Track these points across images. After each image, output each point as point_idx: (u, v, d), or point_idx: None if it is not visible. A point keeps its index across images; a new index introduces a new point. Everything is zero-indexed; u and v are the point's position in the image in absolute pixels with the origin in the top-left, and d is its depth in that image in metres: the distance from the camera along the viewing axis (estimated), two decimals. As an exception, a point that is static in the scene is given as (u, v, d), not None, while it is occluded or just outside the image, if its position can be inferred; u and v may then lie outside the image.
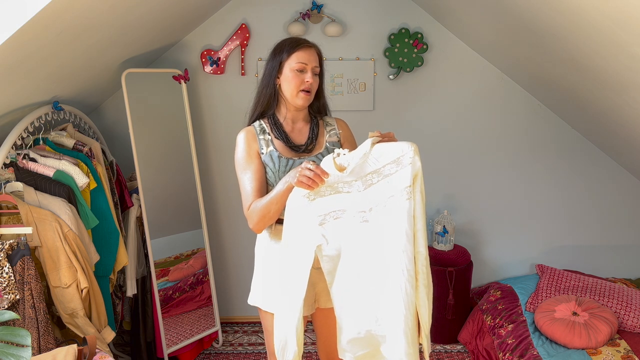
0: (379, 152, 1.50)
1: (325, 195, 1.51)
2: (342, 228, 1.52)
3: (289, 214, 1.53)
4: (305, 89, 1.67)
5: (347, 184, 1.51)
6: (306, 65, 1.66)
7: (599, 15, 1.63)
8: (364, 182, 1.50)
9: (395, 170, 1.50)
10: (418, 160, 1.50)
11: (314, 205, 1.51)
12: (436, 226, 3.08)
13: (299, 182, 1.47)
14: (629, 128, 2.45)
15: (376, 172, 1.50)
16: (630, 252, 3.25)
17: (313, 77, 1.68)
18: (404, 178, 1.49)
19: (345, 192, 1.51)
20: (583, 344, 2.36)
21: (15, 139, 2.03)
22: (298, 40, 1.71)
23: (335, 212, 1.52)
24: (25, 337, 1.39)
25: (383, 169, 1.50)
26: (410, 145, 1.50)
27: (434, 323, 3.03)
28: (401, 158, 1.50)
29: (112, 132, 3.04)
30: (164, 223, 2.77)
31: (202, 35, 3.00)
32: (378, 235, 1.51)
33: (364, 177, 1.50)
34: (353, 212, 1.52)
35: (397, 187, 1.49)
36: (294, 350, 1.51)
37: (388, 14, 2.99)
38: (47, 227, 1.92)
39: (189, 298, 2.88)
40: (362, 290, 1.54)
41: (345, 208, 1.51)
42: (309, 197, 1.51)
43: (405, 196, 1.49)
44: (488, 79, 3.08)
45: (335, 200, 1.51)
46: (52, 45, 1.82)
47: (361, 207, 1.51)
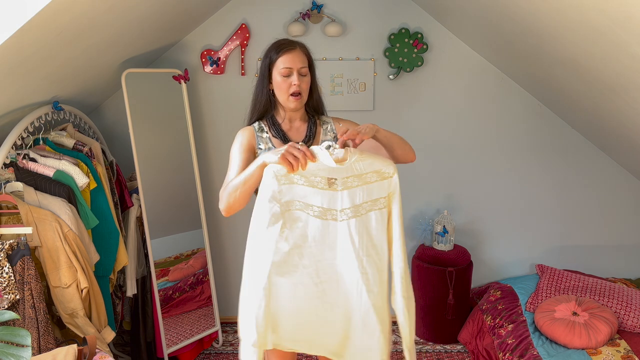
0: (365, 160, 1.55)
1: (298, 183, 1.52)
2: (306, 221, 1.53)
3: (260, 192, 1.53)
4: (293, 93, 1.68)
5: (326, 181, 1.52)
6: (291, 69, 1.67)
7: (598, 15, 1.63)
8: (343, 183, 1.53)
9: (375, 180, 1.56)
10: (396, 177, 1.57)
11: (282, 188, 1.51)
12: (436, 226, 3.08)
13: (282, 158, 1.46)
14: (629, 128, 2.45)
15: (358, 176, 1.54)
16: (630, 252, 3.25)
17: (300, 78, 1.68)
18: (382, 189, 1.57)
19: (319, 187, 1.52)
20: (583, 344, 2.36)
21: (15, 139, 2.03)
22: (281, 44, 1.71)
23: (303, 204, 1.52)
24: (25, 337, 1.39)
25: (365, 176, 1.55)
26: (391, 164, 1.59)
27: (434, 323, 3.04)
28: (382, 170, 1.56)
29: (112, 132, 3.04)
30: (164, 223, 2.77)
31: (202, 35, 3.00)
32: (345, 236, 1.54)
33: (346, 179, 1.53)
34: (322, 208, 1.53)
35: (373, 196, 1.56)
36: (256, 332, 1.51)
37: (388, 14, 2.99)
38: (47, 227, 1.92)
39: (189, 298, 2.88)
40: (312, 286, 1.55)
41: (316, 203, 1.53)
42: (279, 180, 1.50)
43: (378, 206, 1.56)
44: (488, 79, 3.08)
45: (306, 192, 1.52)
46: (52, 45, 1.82)
47: (333, 206, 1.53)
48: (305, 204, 1.52)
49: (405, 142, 1.73)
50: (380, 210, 1.56)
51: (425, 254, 3.08)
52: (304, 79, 1.69)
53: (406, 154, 1.72)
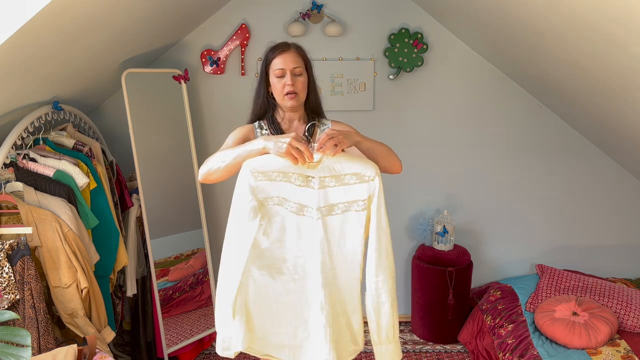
0: (345, 162, 1.54)
1: (275, 180, 1.53)
2: (284, 216, 1.54)
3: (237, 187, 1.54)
4: (287, 92, 1.69)
5: (303, 178, 1.53)
6: (284, 70, 1.69)
7: (598, 16, 1.63)
8: (320, 182, 1.53)
9: (354, 182, 1.55)
10: (377, 180, 1.55)
11: (259, 185, 1.52)
12: (436, 226, 3.08)
13: (287, 153, 1.47)
14: (629, 128, 2.45)
15: (336, 177, 1.54)
16: (630, 252, 3.25)
17: (293, 78, 1.69)
18: (361, 192, 1.55)
19: (296, 184, 1.53)
20: (583, 344, 2.36)
21: (15, 139, 2.03)
22: (275, 47, 1.74)
23: (281, 199, 1.54)
24: (25, 337, 1.39)
25: (344, 177, 1.54)
26: (372, 167, 1.55)
27: (434, 323, 3.04)
28: (362, 173, 1.55)
29: (112, 132, 3.04)
30: (164, 223, 2.77)
31: (202, 35, 3.00)
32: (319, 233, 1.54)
33: (323, 178, 1.53)
34: (299, 204, 1.54)
35: (351, 197, 1.55)
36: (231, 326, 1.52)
37: (388, 14, 2.99)
38: (47, 227, 1.92)
39: (189, 298, 2.88)
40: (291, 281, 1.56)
41: (292, 199, 1.54)
42: (255, 176, 1.52)
43: (355, 207, 1.55)
44: (488, 79, 3.08)
45: (282, 187, 1.53)
46: (52, 45, 1.82)
47: (308, 203, 1.53)
48: (283, 199, 1.54)
49: (390, 153, 1.68)
50: (357, 212, 1.55)
51: (425, 254, 3.08)
52: (298, 78, 1.70)
53: (391, 165, 1.68)
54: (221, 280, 1.57)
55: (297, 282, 1.56)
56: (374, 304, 1.58)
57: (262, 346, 1.60)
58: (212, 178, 1.62)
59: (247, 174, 1.52)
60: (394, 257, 1.60)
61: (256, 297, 1.56)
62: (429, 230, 3.15)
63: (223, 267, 1.57)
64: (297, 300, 1.57)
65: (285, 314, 1.58)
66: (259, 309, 1.57)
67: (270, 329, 1.58)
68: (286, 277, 1.56)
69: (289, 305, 1.57)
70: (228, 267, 1.56)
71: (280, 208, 1.54)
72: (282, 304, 1.57)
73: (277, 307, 1.57)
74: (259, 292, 1.56)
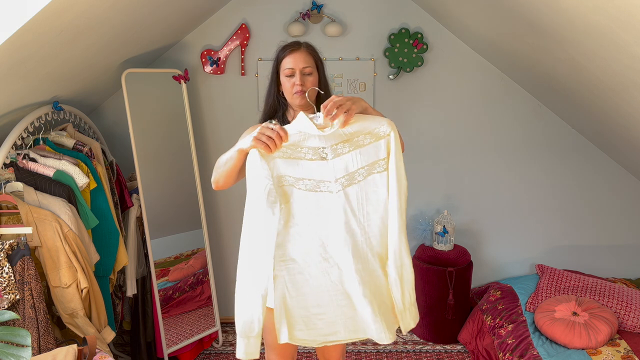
0: (353, 123, 1.46)
1: (285, 157, 1.47)
2: (300, 196, 1.49)
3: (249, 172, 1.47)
4: (297, 91, 1.69)
5: (313, 150, 1.47)
6: (293, 69, 1.69)
7: (598, 15, 1.63)
8: (333, 150, 1.47)
9: (369, 141, 1.48)
10: (394, 134, 1.48)
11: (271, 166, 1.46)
12: (436, 226, 3.08)
13: (255, 140, 1.43)
14: (629, 128, 2.45)
15: (348, 141, 1.47)
16: (630, 252, 3.25)
17: (303, 77, 1.69)
18: (379, 150, 1.48)
19: (308, 159, 1.47)
20: (583, 344, 2.36)
21: (15, 139, 2.03)
22: (285, 46, 1.74)
23: (294, 179, 1.48)
24: (25, 337, 1.39)
25: (357, 139, 1.48)
26: (385, 120, 1.49)
27: (434, 323, 3.04)
28: (375, 130, 1.48)
29: (112, 132, 3.04)
30: (164, 223, 2.77)
31: (202, 35, 3.00)
32: (341, 206, 1.49)
33: (335, 146, 1.47)
34: (314, 180, 1.48)
35: (370, 159, 1.49)
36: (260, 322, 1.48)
37: (388, 14, 2.99)
38: (47, 227, 1.92)
39: (189, 298, 2.88)
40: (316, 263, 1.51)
41: (306, 176, 1.48)
42: (265, 157, 1.45)
43: (377, 169, 1.49)
44: (488, 79, 3.08)
45: (294, 165, 1.48)
46: (52, 45, 1.82)
47: (325, 177, 1.48)
48: (296, 179, 1.48)
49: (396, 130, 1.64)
50: (380, 173, 1.48)
51: (425, 254, 3.08)
52: (308, 78, 1.70)
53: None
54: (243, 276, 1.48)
55: (329, 261, 1.51)
56: (397, 268, 1.53)
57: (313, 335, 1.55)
58: (220, 184, 1.62)
59: (257, 157, 1.45)
60: None
61: (293, 287, 1.50)
62: (429, 230, 3.15)
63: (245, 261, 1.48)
64: (334, 277, 1.51)
65: (327, 295, 1.52)
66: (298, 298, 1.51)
67: (317, 315, 1.53)
68: (317, 259, 1.51)
69: (328, 285, 1.52)
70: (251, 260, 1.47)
71: (294, 188, 1.48)
72: (321, 286, 1.52)
73: (317, 290, 1.52)
74: (294, 280, 1.50)
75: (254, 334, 1.49)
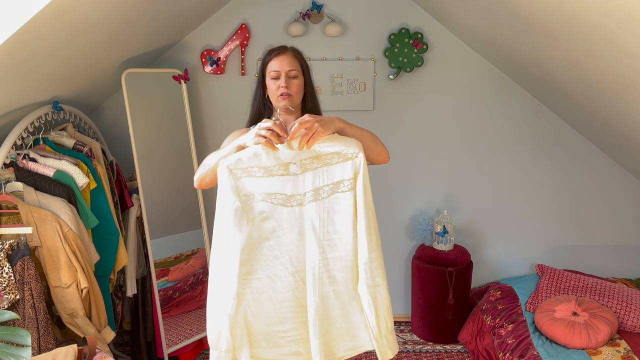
0: (324, 141, 1.48)
1: (256, 176, 1.48)
2: (271, 210, 1.49)
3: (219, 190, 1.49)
4: (282, 94, 1.68)
5: (284, 167, 1.48)
6: (279, 72, 1.69)
7: (599, 15, 1.63)
8: (302, 165, 1.49)
9: (336, 161, 1.50)
10: (361, 156, 1.50)
11: (239, 183, 1.48)
12: (436, 226, 3.08)
13: (258, 136, 1.45)
14: (629, 128, 2.45)
15: (317, 158, 1.49)
16: (630, 252, 3.25)
17: (288, 80, 1.68)
18: (345, 171, 1.50)
19: (278, 174, 1.48)
20: (583, 344, 2.36)
21: (15, 139, 2.03)
22: (271, 50, 1.74)
23: (265, 194, 1.49)
24: (25, 337, 1.39)
25: (325, 157, 1.50)
26: (355, 143, 1.51)
27: (434, 323, 3.04)
28: (344, 151, 1.50)
29: (112, 132, 3.04)
30: (164, 223, 2.77)
31: (202, 35, 3.00)
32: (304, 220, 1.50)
33: (304, 161, 1.49)
34: (285, 195, 1.49)
35: (335, 178, 1.50)
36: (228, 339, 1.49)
37: (388, 14, 2.99)
38: (47, 227, 1.92)
39: (189, 298, 2.88)
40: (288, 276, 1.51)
41: (278, 191, 1.49)
42: (235, 174, 1.48)
43: (342, 188, 1.50)
44: (488, 78, 3.08)
45: (264, 182, 1.48)
46: (52, 45, 1.82)
47: (294, 191, 1.49)
48: (268, 194, 1.49)
49: (377, 142, 1.62)
50: (344, 193, 1.50)
51: (425, 254, 3.08)
52: (293, 81, 1.69)
53: (378, 154, 1.61)
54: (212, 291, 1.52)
55: (295, 276, 1.52)
56: (370, 289, 1.51)
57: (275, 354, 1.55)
58: (204, 183, 1.62)
59: (225, 173, 1.47)
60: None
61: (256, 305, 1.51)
62: (429, 230, 3.15)
63: (213, 277, 1.51)
64: (299, 293, 1.52)
65: (291, 312, 1.53)
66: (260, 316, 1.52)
67: (278, 332, 1.54)
68: (283, 273, 1.52)
69: (292, 301, 1.52)
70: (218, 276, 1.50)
71: (265, 204, 1.49)
72: (285, 301, 1.52)
73: (280, 307, 1.53)
74: (258, 299, 1.51)
75: (223, 349, 1.50)
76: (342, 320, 1.54)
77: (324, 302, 1.51)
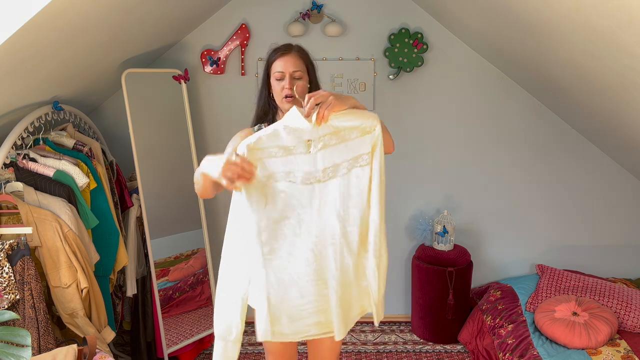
0: (342, 116, 1.48)
1: (276, 156, 1.49)
2: (290, 190, 1.50)
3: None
4: (286, 95, 1.68)
5: (302, 144, 1.49)
6: (283, 73, 1.68)
7: (598, 15, 1.63)
8: (321, 141, 1.49)
9: (355, 136, 1.51)
10: (379, 128, 1.52)
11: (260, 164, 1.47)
12: (436, 226, 3.08)
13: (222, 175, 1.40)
14: (629, 128, 2.45)
15: (336, 134, 1.50)
16: (631, 252, 3.25)
17: (293, 81, 1.67)
18: (364, 145, 1.51)
19: (297, 153, 1.49)
20: (583, 344, 2.36)
21: (15, 139, 2.03)
22: (276, 49, 1.73)
23: (284, 174, 1.50)
24: (25, 337, 1.39)
25: (344, 133, 1.50)
26: (373, 116, 1.52)
27: (434, 323, 3.04)
28: (362, 125, 1.50)
29: (112, 132, 3.04)
30: (164, 223, 2.77)
31: (202, 35, 3.00)
32: (325, 196, 1.52)
33: (322, 137, 1.49)
34: (305, 172, 1.50)
35: (354, 153, 1.52)
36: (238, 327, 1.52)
37: (388, 14, 2.99)
38: (47, 227, 1.92)
39: (189, 298, 2.88)
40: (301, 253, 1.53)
41: (297, 170, 1.50)
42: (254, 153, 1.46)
43: (360, 162, 1.52)
44: (488, 78, 3.08)
45: (284, 161, 1.49)
46: (52, 45, 1.82)
47: (313, 168, 1.50)
48: (286, 173, 1.50)
49: (386, 131, 1.63)
50: (362, 167, 1.52)
51: (425, 254, 3.08)
52: (298, 82, 1.68)
53: (386, 143, 1.61)
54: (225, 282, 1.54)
55: (314, 251, 1.53)
56: (377, 259, 1.57)
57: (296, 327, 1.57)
58: (204, 195, 1.66)
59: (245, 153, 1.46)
60: None
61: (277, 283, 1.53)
62: (429, 230, 3.15)
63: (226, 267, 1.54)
64: (317, 267, 1.54)
65: (311, 284, 1.54)
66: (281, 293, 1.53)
67: (300, 306, 1.55)
68: (303, 249, 1.53)
69: (311, 275, 1.54)
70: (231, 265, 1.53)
71: (285, 183, 1.50)
72: (305, 275, 1.54)
73: (300, 281, 1.54)
74: (280, 277, 1.53)
75: (232, 337, 1.53)
76: (355, 287, 1.60)
77: (343, 273, 1.55)
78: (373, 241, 1.57)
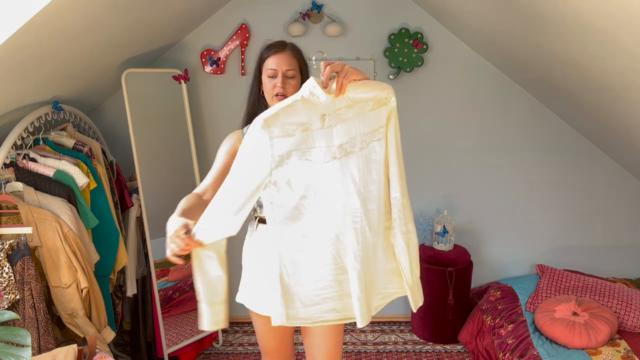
0: (358, 87, 1.42)
1: (294, 134, 1.41)
2: (307, 168, 1.43)
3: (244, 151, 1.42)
4: (277, 94, 1.64)
5: (318, 120, 1.42)
6: (276, 71, 1.65)
7: (598, 15, 1.63)
8: (337, 116, 1.42)
9: (371, 108, 1.45)
10: (394, 100, 1.47)
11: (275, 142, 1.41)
12: (436, 226, 3.08)
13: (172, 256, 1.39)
14: (629, 128, 2.45)
15: (352, 106, 1.43)
16: (630, 252, 3.25)
17: (285, 81, 1.64)
18: (380, 117, 1.46)
19: (314, 129, 1.42)
20: (583, 344, 2.36)
21: (15, 139, 2.03)
22: (270, 45, 1.70)
23: (300, 152, 1.42)
24: (25, 337, 1.39)
25: (360, 105, 1.45)
26: (387, 86, 1.47)
27: (434, 323, 3.04)
28: (378, 96, 1.45)
29: (112, 132, 3.04)
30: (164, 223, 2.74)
31: (202, 35, 3.00)
32: (343, 174, 1.45)
33: (339, 111, 1.43)
34: (322, 149, 1.43)
35: (372, 126, 1.46)
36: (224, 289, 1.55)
37: (388, 14, 2.99)
38: (47, 227, 1.92)
39: (189, 298, 2.88)
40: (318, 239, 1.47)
41: (314, 146, 1.43)
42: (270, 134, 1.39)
43: (377, 136, 1.47)
44: (488, 79, 3.08)
45: (301, 138, 1.42)
46: (52, 45, 1.82)
47: (330, 143, 1.43)
48: (303, 151, 1.42)
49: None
50: (379, 140, 1.46)
51: (425, 254, 3.08)
52: (290, 81, 1.65)
53: None
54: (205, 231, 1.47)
55: (331, 234, 1.46)
56: (404, 236, 1.51)
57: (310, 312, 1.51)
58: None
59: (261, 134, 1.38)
60: None
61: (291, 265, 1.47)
62: (429, 230, 3.15)
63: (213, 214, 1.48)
64: (335, 251, 1.47)
65: (326, 269, 1.48)
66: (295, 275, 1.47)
67: (315, 291, 1.49)
68: (320, 232, 1.46)
69: (328, 259, 1.47)
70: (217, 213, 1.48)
71: (301, 161, 1.43)
72: (322, 259, 1.47)
73: (316, 264, 1.47)
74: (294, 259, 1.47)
75: (217, 298, 1.50)
76: (380, 270, 1.52)
77: (366, 255, 1.47)
78: (398, 217, 1.50)
